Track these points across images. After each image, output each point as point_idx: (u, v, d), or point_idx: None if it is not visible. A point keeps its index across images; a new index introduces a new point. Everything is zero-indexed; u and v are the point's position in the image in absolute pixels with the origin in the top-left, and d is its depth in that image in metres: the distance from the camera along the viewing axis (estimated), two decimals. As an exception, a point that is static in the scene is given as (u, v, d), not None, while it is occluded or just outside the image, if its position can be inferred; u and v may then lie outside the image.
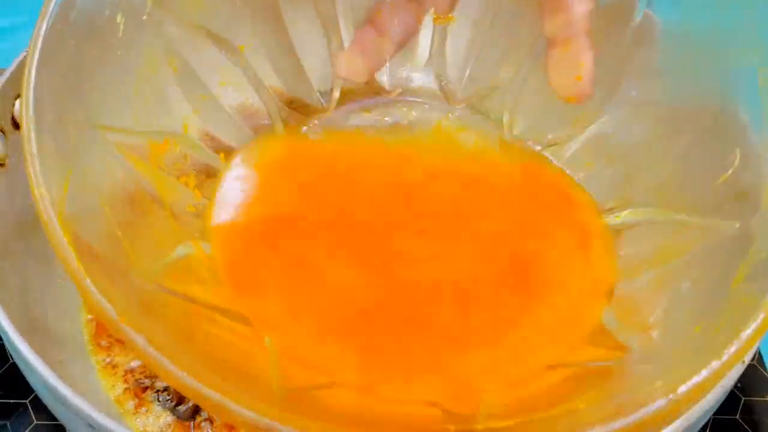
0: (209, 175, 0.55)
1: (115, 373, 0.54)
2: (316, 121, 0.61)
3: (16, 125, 0.55)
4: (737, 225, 0.51)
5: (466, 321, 0.50)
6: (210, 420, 0.53)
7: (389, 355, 0.49)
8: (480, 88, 0.65)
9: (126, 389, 0.54)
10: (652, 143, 0.60)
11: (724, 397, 0.47)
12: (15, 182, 0.55)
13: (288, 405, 0.40)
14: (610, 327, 0.51)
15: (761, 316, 0.42)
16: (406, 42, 0.61)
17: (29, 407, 0.57)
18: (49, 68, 0.43)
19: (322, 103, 0.62)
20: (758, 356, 0.64)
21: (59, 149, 0.43)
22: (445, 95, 0.65)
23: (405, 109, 0.64)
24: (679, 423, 0.44)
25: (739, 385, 0.61)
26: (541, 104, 0.61)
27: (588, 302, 0.53)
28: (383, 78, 0.64)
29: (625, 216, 0.58)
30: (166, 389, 0.54)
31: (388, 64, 0.63)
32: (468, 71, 0.66)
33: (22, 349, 0.44)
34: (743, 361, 0.46)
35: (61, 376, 0.44)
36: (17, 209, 0.55)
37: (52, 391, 0.43)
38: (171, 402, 0.53)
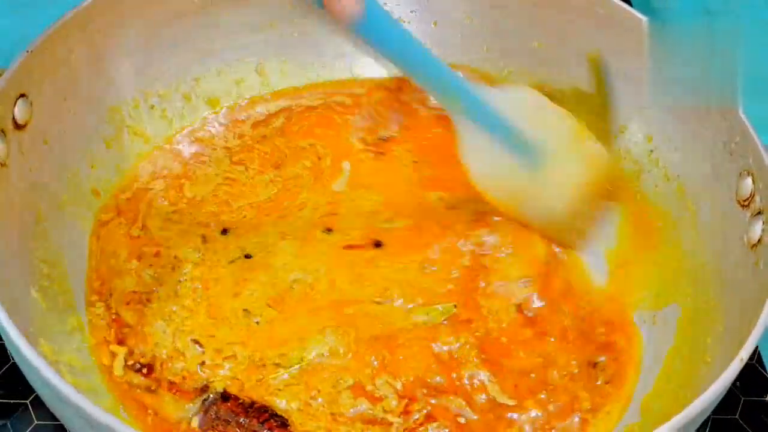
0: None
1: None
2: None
3: (17, 125, 0.55)
4: None
5: None
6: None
7: None
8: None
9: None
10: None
11: (722, 396, 0.47)
12: (16, 181, 0.55)
13: None
14: None
15: None
16: None
17: (29, 407, 0.57)
18: None
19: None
20: (757, 356, 0.63)
21: None
22: None
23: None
24: (678, 421, 0.44)
25: (738, 384, 0.61)
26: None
27: None
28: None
29: None
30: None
31: None
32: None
33: (23, 348, 0.44)
34: (741, 359, 0.46)
35: (62, 375, 0.44)
36: (17, 209, 0.55)
37: (53, 389, 0.43)
38: None
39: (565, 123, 0.63)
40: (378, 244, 0.62)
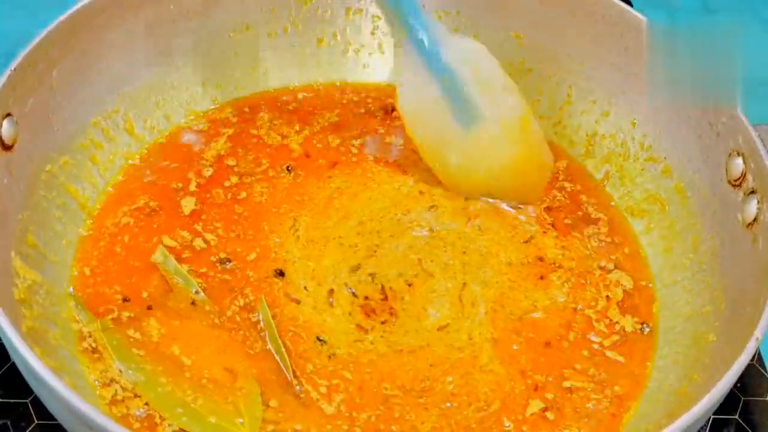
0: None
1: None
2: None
3: (4, 146, 0.54)
4: None
5: None
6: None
7: None
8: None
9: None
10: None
11: (724, 397, 0.47)
12: (10, 201, 0.55)
13: None
14: None
15: None
16: None
17: (30, 407, 0.57)
18: None
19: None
20: (758, 356, 0.63)
21: None
22: None
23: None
24: (679, 422, 0.44)
25: (739, 385, 0.61)
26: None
27: None
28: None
29: None
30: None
31: None
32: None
33: (22, 350, 0.44)
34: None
35: (61, 378, 0.44)
36: (11, 227, 0.55)
37: (52, 392, 0.43)
38: None
39: (509, 98, 0.63)
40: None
